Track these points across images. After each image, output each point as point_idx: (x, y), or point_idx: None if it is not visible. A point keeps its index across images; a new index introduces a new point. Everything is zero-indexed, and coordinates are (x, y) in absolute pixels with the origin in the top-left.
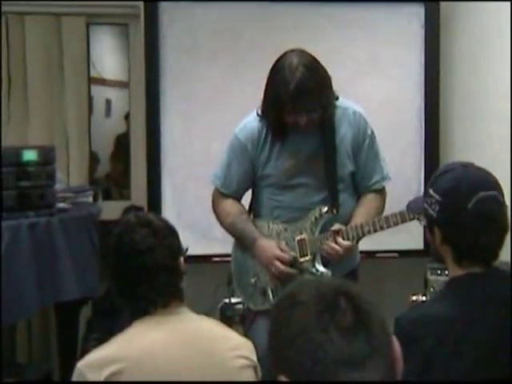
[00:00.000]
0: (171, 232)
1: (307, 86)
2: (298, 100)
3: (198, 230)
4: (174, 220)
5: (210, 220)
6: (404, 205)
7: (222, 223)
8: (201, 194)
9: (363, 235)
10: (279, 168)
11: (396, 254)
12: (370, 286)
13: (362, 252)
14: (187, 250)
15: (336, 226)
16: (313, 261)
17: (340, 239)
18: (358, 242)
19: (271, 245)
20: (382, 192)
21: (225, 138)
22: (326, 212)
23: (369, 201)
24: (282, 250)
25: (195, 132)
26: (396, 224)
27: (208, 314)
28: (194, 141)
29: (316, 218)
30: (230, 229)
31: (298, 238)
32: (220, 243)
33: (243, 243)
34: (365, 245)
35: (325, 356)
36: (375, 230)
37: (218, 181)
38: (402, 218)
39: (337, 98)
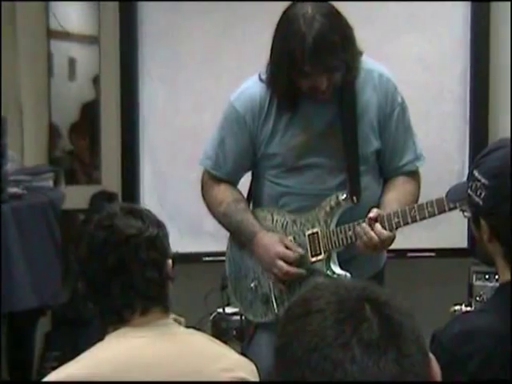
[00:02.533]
0: (160, 225)
1: (329, 39)
2: (318, 57)
3: (186, 222)
4: (155, 210)
5: (200, 210)
6: (443, 191)
7: (213, 214)
8: (189, 177)
9: (391, 229)
10: (287, 145)
11: (433, 254)
12: (400, 294)
13: (389, 250)
14: (177, 253)
15: (374, 212)
16: (327, 260)
17: (379, 226)
18: None
19: (273, 240)
20: (415, 175)
21: (218, 108)
22: (345, 199)
23: (401, 185)
24: (286, 247)
25: (182, 101)
26: (432, 215)
27: (198, 326)
28: (180, 112)
29: (331, 208)
30: (223, 220)
31: (308, 232)
32: (212, 239)
33: (240, 238)
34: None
35: (345, 376)
36: (406, 223)
37: (209, 161)
38: (439, 208)
39: (361, 54)
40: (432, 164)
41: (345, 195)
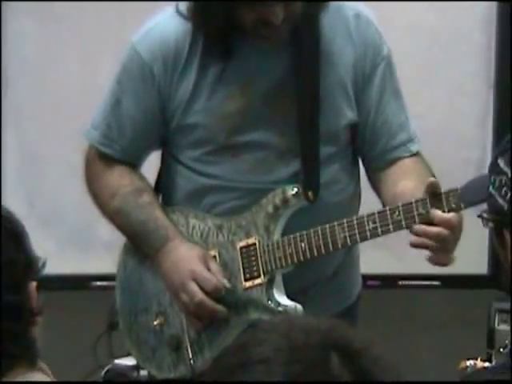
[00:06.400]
0: (10, 232)
1: None
2: None
3: (68, 228)
4: (21, 211)
5: (90, 210)
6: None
7: (102, 210)
8: (73, 161)
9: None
10: (215, 112)
11: (437, 283)
12: (388, 339)
13: (373, 277)
14: (44, 265)
15: (433, 182)
16: (269, 286)
17: (438, 212)
18: None
19: (192, 254)
20: (421, 157)
21: (121, 56)
22: (295, 195)
23: (412, 169)
24: (208, 267)
25: (64, 45)
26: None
27: None
28: (61, 61)
29: (276, 207)
30: (117, 220)
31: (241, 243)
32: (107, 253)
33: (141, 247)
34: (378, 265)
35: None
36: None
37: (97, 132)
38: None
39: None
40: (440, 149)
41: (296, 189)
